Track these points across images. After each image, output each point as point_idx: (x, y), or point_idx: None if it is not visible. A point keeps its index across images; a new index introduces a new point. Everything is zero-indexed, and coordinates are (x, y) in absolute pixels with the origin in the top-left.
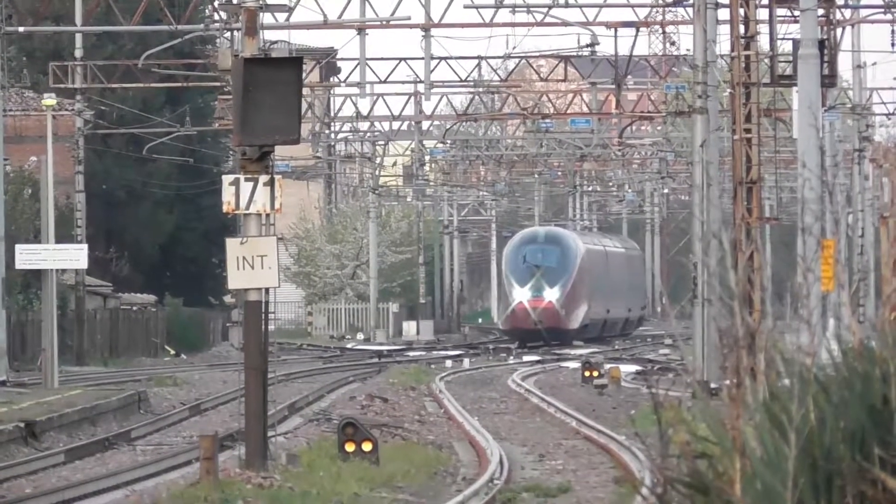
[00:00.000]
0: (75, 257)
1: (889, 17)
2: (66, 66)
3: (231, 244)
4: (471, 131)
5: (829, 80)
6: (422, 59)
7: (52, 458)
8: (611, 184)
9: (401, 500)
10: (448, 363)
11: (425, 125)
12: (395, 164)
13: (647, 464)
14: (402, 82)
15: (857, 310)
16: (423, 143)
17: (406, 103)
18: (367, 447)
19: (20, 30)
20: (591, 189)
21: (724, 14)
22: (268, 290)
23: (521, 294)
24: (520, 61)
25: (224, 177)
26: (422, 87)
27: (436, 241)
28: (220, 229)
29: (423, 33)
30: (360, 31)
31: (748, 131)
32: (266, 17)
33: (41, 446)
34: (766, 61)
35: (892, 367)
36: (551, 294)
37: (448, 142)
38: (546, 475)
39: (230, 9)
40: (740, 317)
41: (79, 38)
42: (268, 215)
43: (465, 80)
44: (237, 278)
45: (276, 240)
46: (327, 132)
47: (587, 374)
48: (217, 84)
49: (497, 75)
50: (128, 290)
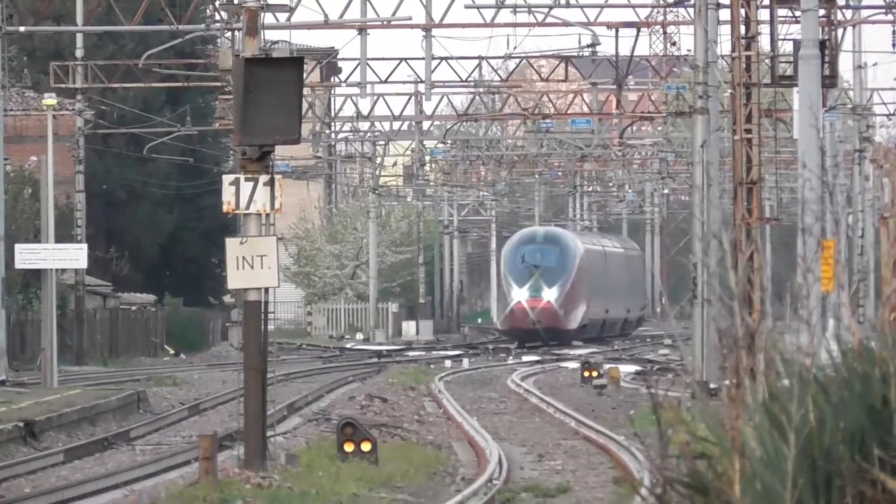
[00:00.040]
0: (75, 257)
1: (890, 17)
2: (67, 66)
3: (231, 244)
4: (471, 131)
5: (829, 80)
6: (422, 59)
7: (51, 457)
8: (611, 184)
9: (400, 500)
10: (447, 363)
11: (426, 125)
12: (395, 164)
13: (647, 464)
14: (403, 82)
15: (856, 310)
16: (424, 143)
17: (406, 103)
18: (366, 447)
19: (21, 29)
20: (591, 189)
21: (725, 14)
22: (267, 290)
23: (519, 294)
24: (520, 61)
25: (224, 177)
26: (422, 88)
27: (436, 241)
28: (220, 229)
29: (423, 33)
30: (361, 31)
31: (749, 132)
32: (267, 17)
33: (40, 446)
34: (767, 62)
35: (891, 367)
36: (550, 294)
37: (448, 142)
38: (545, 475)
39: (231, 9)
40: (740, 317)
41: (79, 37)
42: (268, 215)
43: (466, 81)
44: (237, 278)
45: (276, 240)
46: (328, 132)
47: (586, 374)
48: (217, 84)
49: (498, 75)
50: (127, 289)
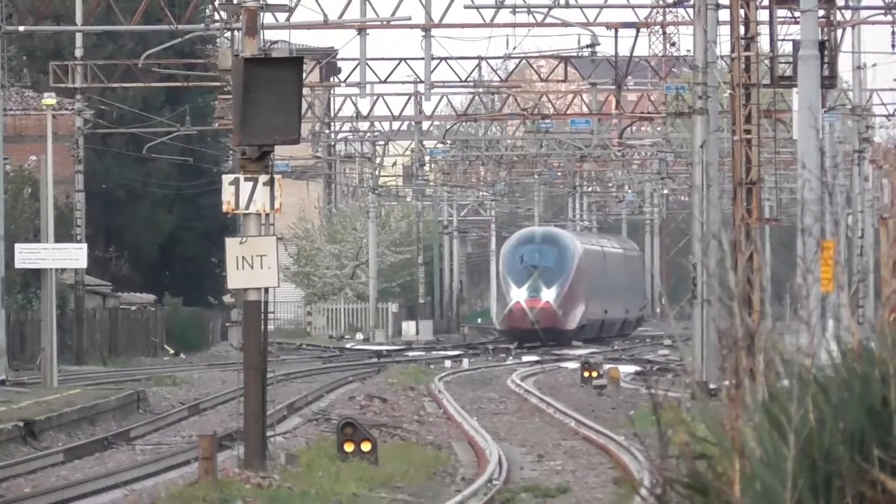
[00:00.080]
0: (75, 257)
1: (889, 18)
2: (67, 66)
3: (230, 244)
4: (471, 131)
5: (829, 81)
6: (422, 59)
7: (50, 457)
8: (610, 184)
9: (399, 500)
10: (447, 363)
11: (425, 125)
12: (394, 164)
13: (646, 464)
14: (403, 82)
15: (856, 311)
16: (423, 143)
17: (406, 103)
18: (365, 447)
19: (20, 29)
20: (590, 190)
21: (724, 15)
22: (267, 289)
23: (518, 294)
24: (520, 62)
25: (224, 176)
26: (422, 88)
27: (435, 241)
28: (220, 229)
29: (423, 33)
30: (361, 31)
31: (748, 132)
32: (266, 17)
33: (40, 445)
34: (767, 62)
35: (891, 368)
36: (548, 294)
37: (448, 142)
38: (545, 476)
39: (230, 8)
40: (740, 318)
41: (79, 37)
42: (267, 215)
43: (466, 81)
44: (236, 278)
45: (276, 239)
46: (327, 132)
47: (586, 374)
48: (217, 84)
49: (497, 76)
50: (127, 289)
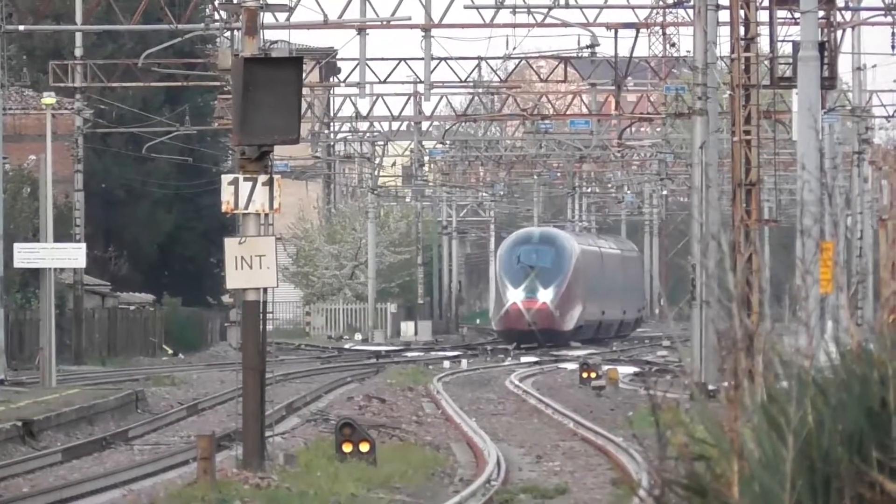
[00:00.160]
0: (74, 256)
1: (889, 19)
2: (66, 65)
3: (229, 244)
4: (470, 132)
5: (828, 82)
6: (422, 59)
7: (49, 457)
8: (610, 185)
9: (398, 500)
10: (446, 364)
11: (425, 126)
12: (394, 164)
13: (645, 465)
14: (402, 83)
15: (855, 312)
16: (423, 143)
17: (406, 104)
18: (364, 448)
19: (20, 28)
20: (590, 190)
21: (724, 16)
22: (266, 289)
23: (514, 295)
24: (520, 62)
25: (223, 176)
26: (421, 88)
27: (434, 241)
28: (219, 229)
29: (423, 34)
30: (361, 31)
31: (748, 133)
32: (266, 17)
33: (38, 445)
34: (766, 63)
35: (890, 369)
36: (545, 295)
37: (447, 142)
38: (543, 476)
39: (230, 8)
40: (739, 319)
41: (79, 36)
42: (266, 215)
43: (465, 81)
44: (235, 278)
45: (275, 240)
46: (327, 132)
47: (585, 375)
48: (217, 83)
49: (497, 76)
50: (126, 289)
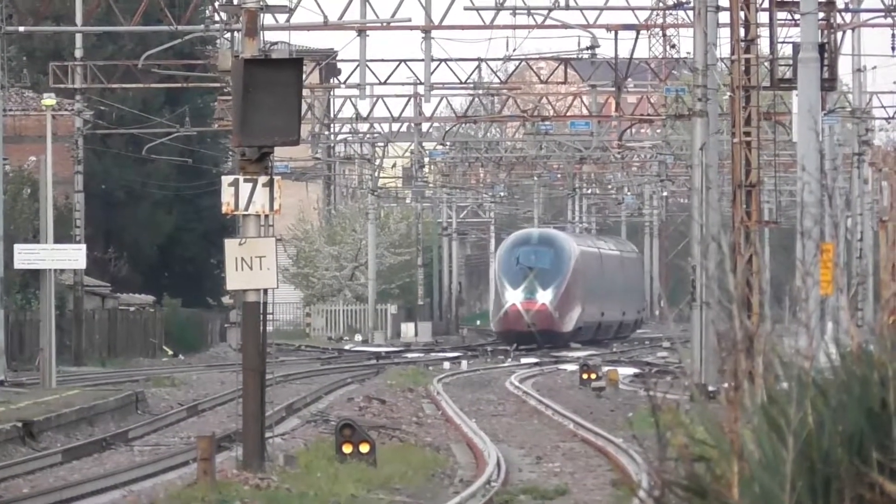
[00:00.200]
0: (74, 257)
1: (889, 20)
2: (66, 66)
3: (230, 245)
4: (470, 133)
5: (829, 83)
6: (422, 60)
7: (49, 458)
8: (610, 186)
9: (398, 501)
10: (446, 365)
11: (425, 127)
12: (394, 165)
13: (645, 467)
14: (402, 84)
15: (855, 313)
16: (423, 144)
17: (406, 105)
18: (364, 449)
19: (20, 29)
20: (590, 192)
21: (724, 17)
22: (266, 291)
23: (513, 296)
24: (520, 63)
25: (223, 177)
26: (422, 89)
27: (434, 242)
28: (219, 230)
29: (423, 35)
30: (361, 32)
31: (748, 134)
32: (266, 18)
33: (39, 446)
34: (766, 65)
35: (890, 370)
36: (544, 296)
37: (447, 144)
38: (543, 477)
39: (230, 9)
40: (739, 320)
41: (79, 38)
42: (266, 216)
43: (465, 82)
44: (236, 279)
45: (275, 241)
46: (327, 133)
47: (585, 376)
48: (217, 85)
49: (497, 77)
50: (126, 290)
